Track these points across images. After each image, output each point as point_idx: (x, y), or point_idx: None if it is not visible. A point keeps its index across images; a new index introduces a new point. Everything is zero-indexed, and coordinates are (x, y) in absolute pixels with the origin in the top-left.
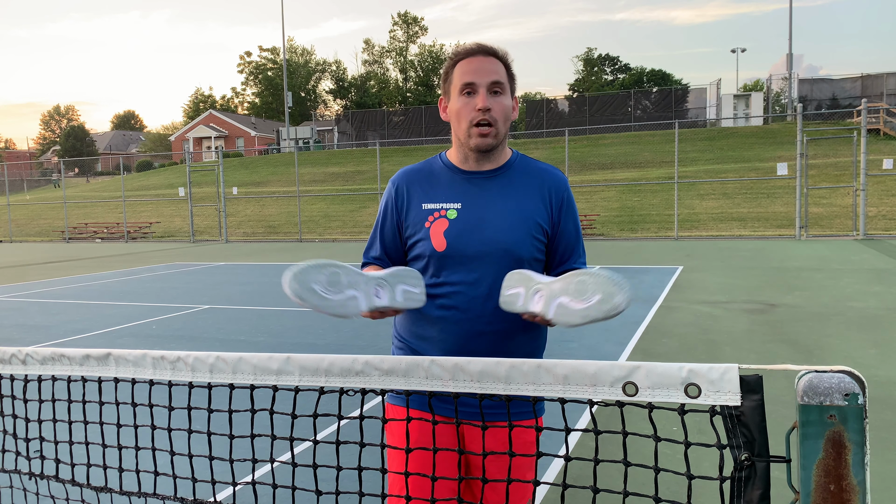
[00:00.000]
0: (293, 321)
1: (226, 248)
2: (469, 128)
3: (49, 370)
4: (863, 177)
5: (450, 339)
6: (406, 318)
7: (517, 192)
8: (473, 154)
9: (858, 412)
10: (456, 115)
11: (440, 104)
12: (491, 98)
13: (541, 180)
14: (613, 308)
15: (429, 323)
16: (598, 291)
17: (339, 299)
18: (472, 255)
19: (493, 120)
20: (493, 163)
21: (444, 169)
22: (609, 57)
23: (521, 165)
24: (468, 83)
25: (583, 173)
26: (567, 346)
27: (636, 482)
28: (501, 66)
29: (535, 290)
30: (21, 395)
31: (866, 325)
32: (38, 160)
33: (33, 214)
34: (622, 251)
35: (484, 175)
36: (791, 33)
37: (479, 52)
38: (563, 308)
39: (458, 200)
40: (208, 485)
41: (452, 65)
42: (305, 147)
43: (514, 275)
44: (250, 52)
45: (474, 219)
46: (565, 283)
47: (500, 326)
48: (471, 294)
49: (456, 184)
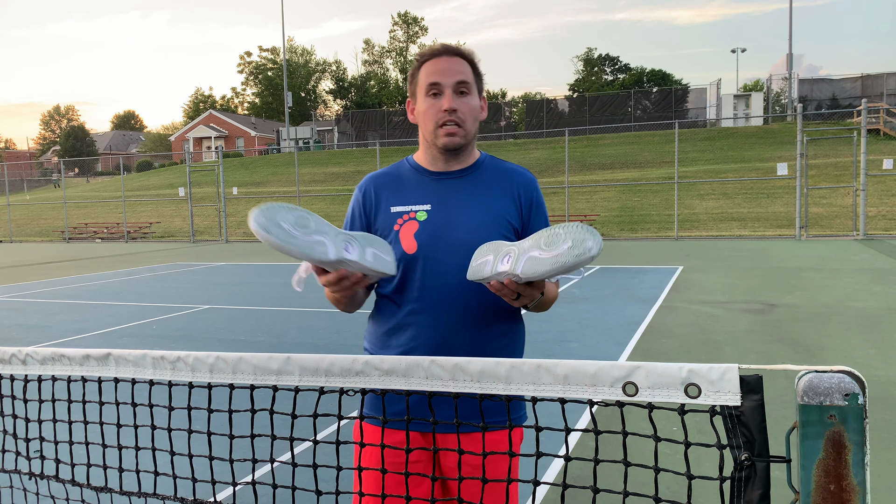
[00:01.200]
0: (293, 321)
1: (226, 248)
2: (435, 128)
3: (49, 370)
4: (863, 177)
5: (422, 344)
6: (377, 324)
7: (487, 192)
8: (441, 154)
9: (858, 412)
10: (423, 116)
11: (408, 106)
12: (457, 98)
13: (510, 180)
14: (584, 252)
15: (400, 328)
16: (569, 238)
17: (307, 240)
18: (443, 256)
19: (459, 120)
20: (461, 163)
21: (412, 171)
22: (609, 57)
23: (490, 166)
24: (433, 83)
25: (583, 173)
26: (567, 346)
27: (636, 482)
28: (467, 66)
29: (504, 253)
30: (21, 395)
31: (866, 325)
32: (38, 160)
33: (33, 214)
34: (622, 251)
35: (453, 175)
36: (791, 33)
37: (444, 52)
38: (534, 260)
39: (427, 202)
40: (208, 485)
41: (418, 66)
42: (305, 147)
43: (484, 246)
44: (250, 52)
45: (444, 220)
46: (535, 238)
47: (474, 329)
48: (443, 296)
49: (425, 185)
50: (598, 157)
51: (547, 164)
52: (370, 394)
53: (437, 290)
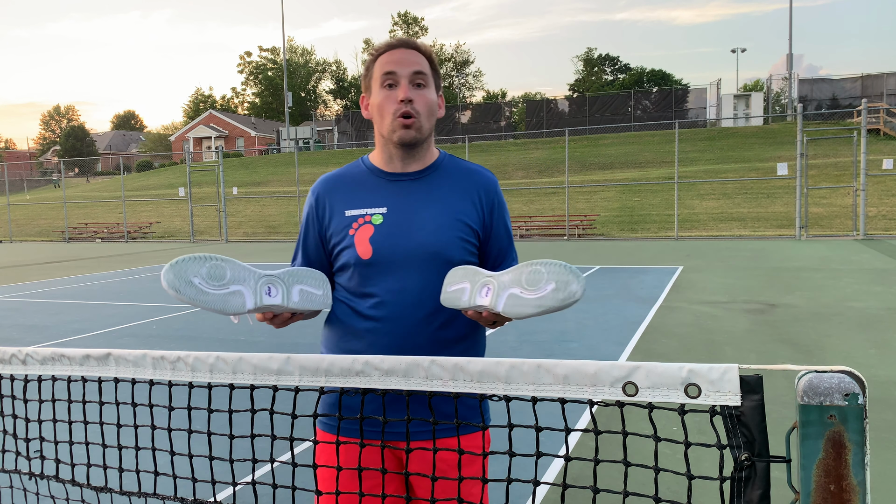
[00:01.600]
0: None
1: (226, 248)
2: (392, 120)
3: (49, 370)
4: (863, 177)
5: (379, 351)
6: (331, 331)
7: (446, 194)
8: (398, 152)
9: (858, 412)
10: (377, 108)
11: (361, 102)
12: (413, 90)
13: (470, 181)
14: (569, 296)
15: (356, 336)
16: (552, 280)
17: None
18: (400, 260)
19: (415, 112)
20: (419, 163)
21: (367, 172)
22: (609, 57)
23: (450, 166)
24: (389, 72)
25: (583, 173)
26: (567, 346)
27: (636, 482)
28: (425, 60)
29: (482, 284)
30: (21, 395)
31: (866, 325)
32: (38, 160)
33: (33, 214)
34: (622, 251)
35: (410, 177)
36: (791, 33)
37: (400, 45)
38: (516, 299)
39: (383, 204)
40: (208, 485)
41: (373, 59)
42: (305, 147)
43: (459, 270)
44: (250, 52)
45: (401, 223)
46: (516, 273)
47: (432, 336)
48: (400, 302)
49: (380, 187)
50: (598, 157)
51: (547, 164)
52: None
53: (395, 296)
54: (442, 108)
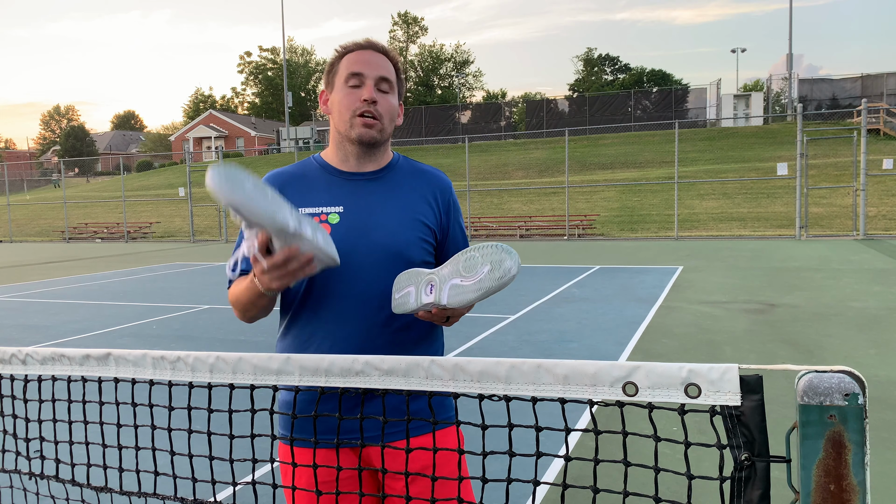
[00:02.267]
0: None
1: (226, 248)
2: (352, 117)
3: (49, 370)
4: (863, 177)
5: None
6: (287, 338)
7: (403, 194)
8: (355, 150)
9: (858, 412)
10: (338, 105)
11: (321, 97)
12: (377, 93)
13: (426, 182)
14: (505, 273)
15: (314, 339)
16: (487, 262)
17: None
18: (359, 262)
19: (378, 115)
20: (375, 163)
21: (321, 170)
22: (609, 57)
23: (405, 167)
24: (356, 73)
25: (583, 173)
26: (567, 346)
27: (636, 482)
28: (391, 66)
29: (426, 282)
30: (21, 395)
31: (866, 325)
32: (38, 160)
33: (33, 214)
34: (622, 251)
35: (366, 176)
36: (791, 33)
37: (369, 46)
38: (457, 288)
39: (338, 204)
40: (208, 485)
41: (339, 56)
42: (305, 147)
43: (402, 276)
44: (250, 52)
45: (359, 222)
46: (454, 263)
47: (392, 338)
48: (361, 304)
49: (335, 186)
50: (598, 157)
51: (547, 164)
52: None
53: (355, 297)
54: (401, 116)
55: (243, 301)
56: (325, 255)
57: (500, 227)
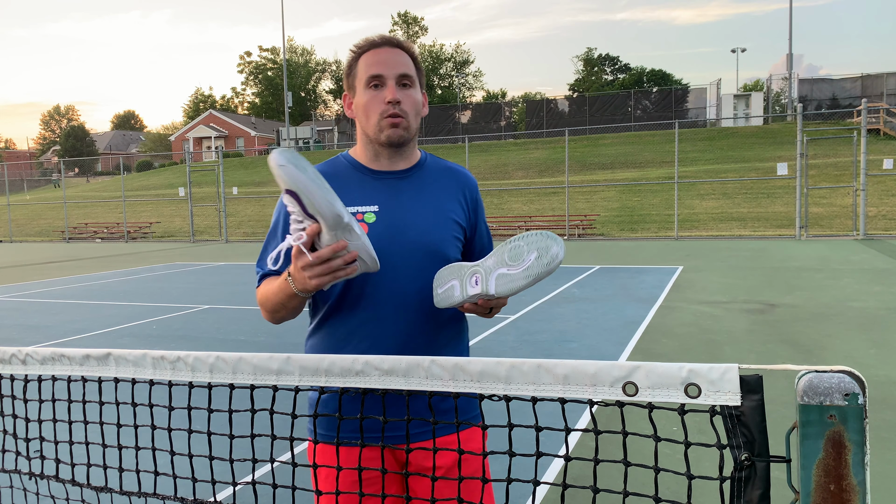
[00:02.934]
0: (293, 321)
1: (226, 248)
2: (379, 120)
3: (49, 370)
4: (863, 177)
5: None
6: (320, 338)
7: (434, 192)
8: (385, 150)
9: (858, 412)
10: (363, 109)
11: (344, 100)
12: (400, 91)
13: (455, 180)
14: (552, 259)
15: (351, 340)
16: (534, 250)
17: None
18: (397, 261)
19: (403, 113)
20: (405, 161)
21: (352, 169)
22: (609, 57)
23: (433, 165)
24: (375, 75)
25: (583, 173)
26: (567, 346)
27: (636, 482)
28: (409, 59)
29: (470, 275)
30: (21, 395)
31: (866, 325)
32: (38, 160)
33: (33, 214)
34: (622, 251)
35: (397, 175)
36: (791, 33)
37: (384, 43)
38: (504, 277)
39: (373, 203)
40: (208, 485)
41: (356, 57)
42: (305, 147)
43: (444, 270)
44: (250, 52)
45: (395, 221)
46: (498, 254)
47: (429, 335)
48: (399, 303)
49: (368, 185)
50: (598, 157)
51: (547, 164)
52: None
53: (393, 297)
54: (426, 105)
55: (273, 301)
56: (368, 256)
57: (500, 226)
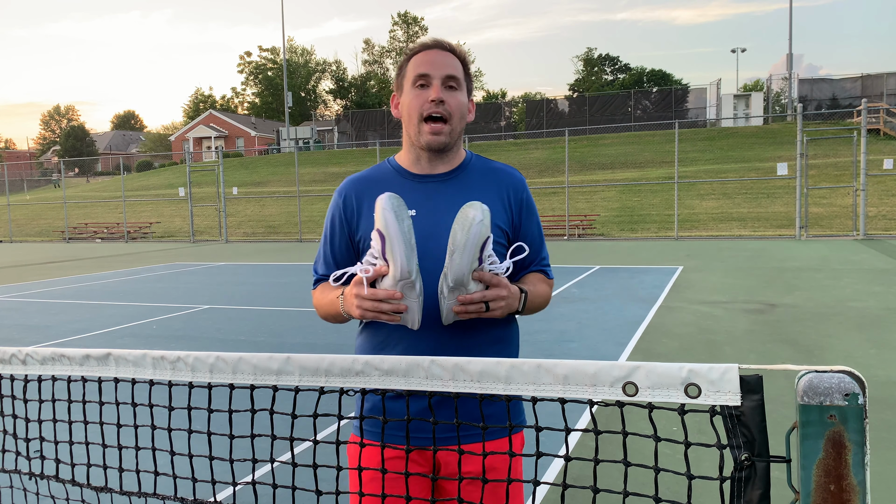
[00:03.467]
0: (293, 321)
1: (226, 248)
2: (420, 122)
3: (49, 370)
4: (863, 177)
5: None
6: (365, 339)
7: (474, 195)
8: (426, 154)
9: (858, 412)
10: (407, 108)
11: (392, 100)
12: (445, 92)
13: (499, 181)
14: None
15: (390, 342)
16: (459, 225)
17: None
18: (432, 265)
19: (446, 114)
20: (447, 164)
21: (395, 174)
22: (609, 57)
23: (478, 166)
24: (422, 74)
25: (583, 173)
26: (567, 346)
27: (636, 482)
28: (459, 63)
29: (443, 277)
30: (21, 395)
31: (866, 325)
32: (38, 160)
33: (33, 214)
34: (622, 251)
35: (438, 178)
36: (791, 33)
37: (435, 46)
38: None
39: (412, 207)
40: (208, 485)
41: (407, 59)
42: (305, 147)
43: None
44: (250, 52)
45: (431, 226)
46: (448, 248)
47: (467, 338)
48: (434, 306)
49: (408, 189)
50: (598, 157)
51: (547, 164)
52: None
53: (428, 299)
54: (472, 112)
55: (324, 310)
56: (412, 317)
57: None
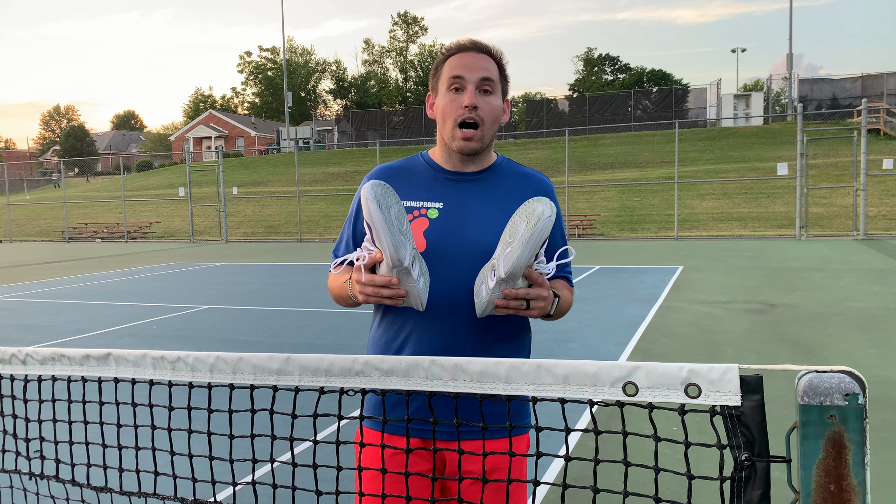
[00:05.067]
0: (293, 321)
1: (226, 248)
2: (453, 128)
3: (49, 370)
4: (863, 177)
5: (427, 348)
6: (379, 329)
7: (501, 196)
8: (458, 155)
9: (858, 412)
10: (441, 111)
11: (427, 100)
12: (480, 96)
13: (526, 184)
14: (539, 217)
15: (403, 332)
16: (523, 218)
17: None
18: (453, 257)
19: (479, 119)
20: (477, 164)
21: (426, 167)
22: (609, 57)
23: (507, 169)
24: (457, 76)
25: (583, 173)
26: (567, 346)
27: (636, 482)
28: (494, 65)
29: (490, 270)
30: (21, 395)
31: (866, 325)
32: (38, 160)
33: (33, 214)
34: (622, 251)
35: (468, 176)
36: (791, 33)
37: (472, 48)
38: (507, 255)
39: (439, 200)
40: (208, 485)
41: (444, 59)
42: (305, 147)
43: (476, 282)
44: (250, 51)
45: (456, 220)
46: (502, 238)
47: (481, 333)
48: (450, 300)
49: (438, 183)
50: (598, 157)
51: (547, 164)
52: (370, 396)
53: (445, 292)
54: (507, 113)
55: (336, 293)
56: (416, 298)
57: None
